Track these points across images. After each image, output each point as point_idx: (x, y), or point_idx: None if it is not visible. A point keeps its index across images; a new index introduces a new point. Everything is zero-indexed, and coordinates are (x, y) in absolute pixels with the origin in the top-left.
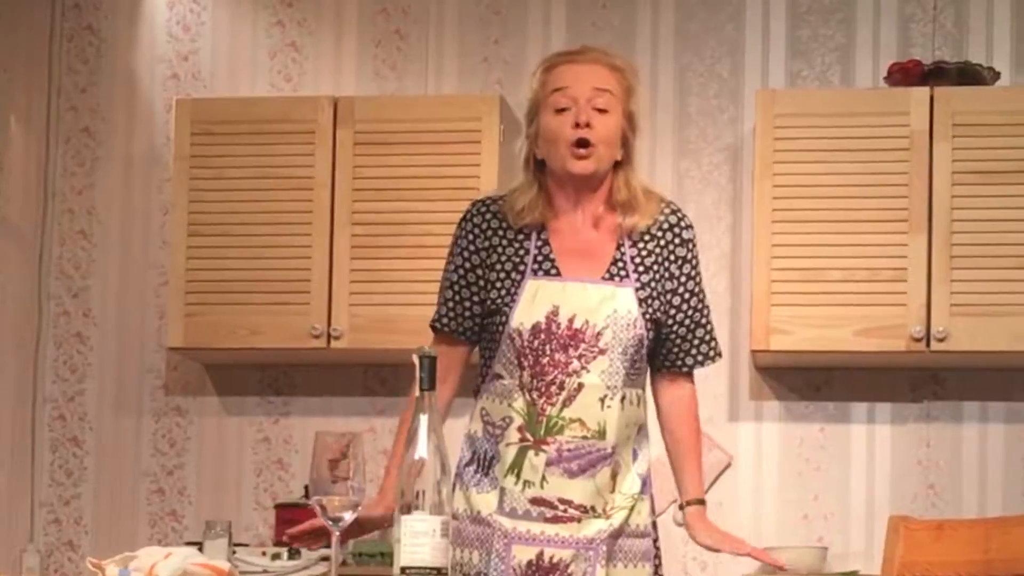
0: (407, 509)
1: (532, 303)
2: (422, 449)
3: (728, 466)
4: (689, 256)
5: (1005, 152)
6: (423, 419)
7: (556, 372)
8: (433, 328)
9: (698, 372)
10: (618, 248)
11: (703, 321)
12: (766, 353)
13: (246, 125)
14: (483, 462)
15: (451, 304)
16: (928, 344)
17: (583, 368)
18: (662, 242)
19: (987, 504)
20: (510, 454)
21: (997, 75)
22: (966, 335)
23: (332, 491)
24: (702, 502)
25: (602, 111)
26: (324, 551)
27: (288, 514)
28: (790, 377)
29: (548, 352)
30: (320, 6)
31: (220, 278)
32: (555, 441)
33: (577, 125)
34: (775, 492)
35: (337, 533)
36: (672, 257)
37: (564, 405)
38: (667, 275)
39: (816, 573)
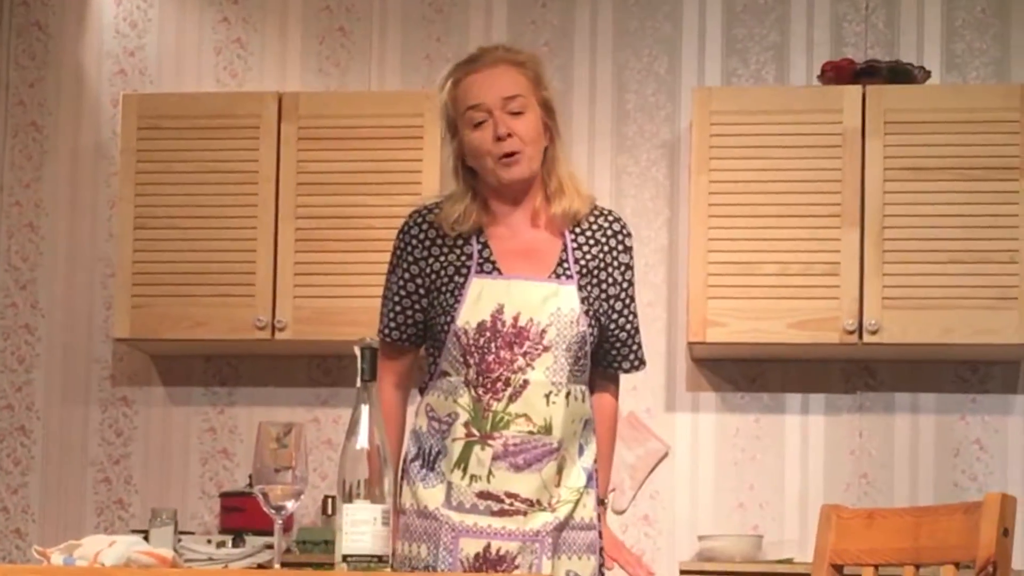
0: (348, 497)
1: (477, 302)
2: (363, 439)
3: (665, 455)
4: (631, 263)
5: (936, 149)
6: (364, 410)
7: (501, 369)
8: (381, 339)
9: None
10: (563, 248)
11: (639, 327)
12: (702, 345)
13: (192, 120)
14: (428, 457)
15: (395, 314)
16: (861, 336)
17: (528, 365)
18: (606, 247)
19: (918, 493)
20: (456, 449)
21: (928, 74)
22: (898, 327)
23: (275, 480)
24: (602, 503)
25: (518, 114)
26: (267, 538)
27: (233, 502)
28: (726, 368)
29: (493, 350)
30: (265, 3)
31: (166, 270)
32: (501, 436)
33: (499, 138)
34: (711, 481)
35: (279, 521)
36: (616, 263)
37: (510, 401)
38: (611, 280)
39: (751, 560)
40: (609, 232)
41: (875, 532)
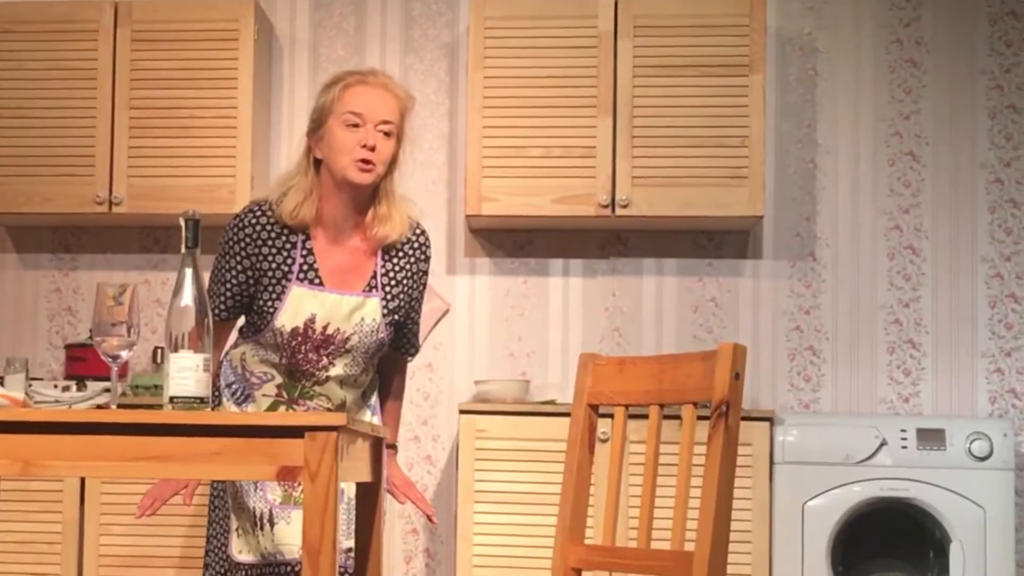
0: (175, 348)
1: (294, 310)
2: (187, 298)
3: (447, 312)
4: (427, 269)
5: (678, 49)
6: (188, 273)
7: (308, 366)
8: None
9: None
10: (376, 265)
11: (419, 319)
12: (478, 217)
13: (41, 25)
14: (238, 396)
15: (224, 299)
16: (613, 210)
17: (331, 364)
18: (412, 259)
19: (662, 344)
20: (265, 404)
21: None
22: (645, 202)
23: (112, 333)
24: (393, 447)
25: (386, 135)
26: (106, 383)
27: (76, 353)
28: (498, 237)
29: (303, 351)
30: None
31: (18, 153)
32: (304, 404)
33: (364, 146)
34: (486, 334)
35: (115, 368)
36: (417, 272)
37: (315, 384)
38: (413, 285)
39: (520, 401)
40: (416, 245)
41: (625, 377)
